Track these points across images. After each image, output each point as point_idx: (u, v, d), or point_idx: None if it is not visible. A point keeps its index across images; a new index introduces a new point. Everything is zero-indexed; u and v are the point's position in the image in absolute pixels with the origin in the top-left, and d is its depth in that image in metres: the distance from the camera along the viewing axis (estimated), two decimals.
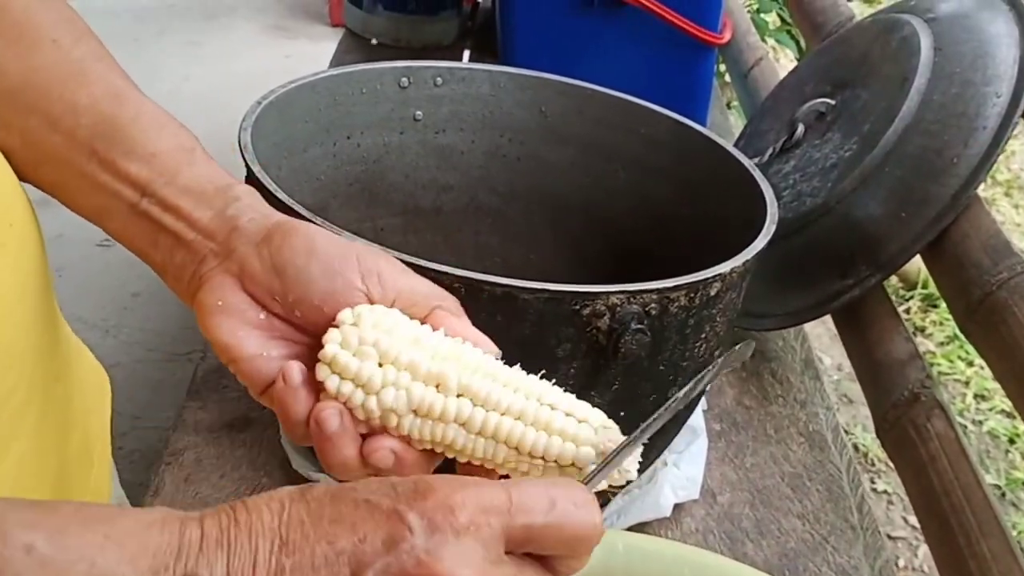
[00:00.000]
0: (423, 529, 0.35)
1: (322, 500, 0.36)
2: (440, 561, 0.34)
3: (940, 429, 0.78)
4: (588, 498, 0.38)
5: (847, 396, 2.21)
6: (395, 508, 0.35)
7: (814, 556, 0.81)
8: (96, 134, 0.51)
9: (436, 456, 0.47)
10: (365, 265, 0.47)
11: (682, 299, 0.67)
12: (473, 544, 0.35)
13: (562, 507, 0.37)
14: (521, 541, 0.37)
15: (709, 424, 0.93)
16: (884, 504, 1.97)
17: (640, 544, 0.64)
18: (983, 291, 0.77)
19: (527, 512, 0.37)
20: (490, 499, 0.36)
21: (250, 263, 0.47)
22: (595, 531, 0.38)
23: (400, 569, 0.34)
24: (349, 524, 0.35)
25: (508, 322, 0.64)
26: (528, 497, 0.37)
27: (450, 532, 0.35)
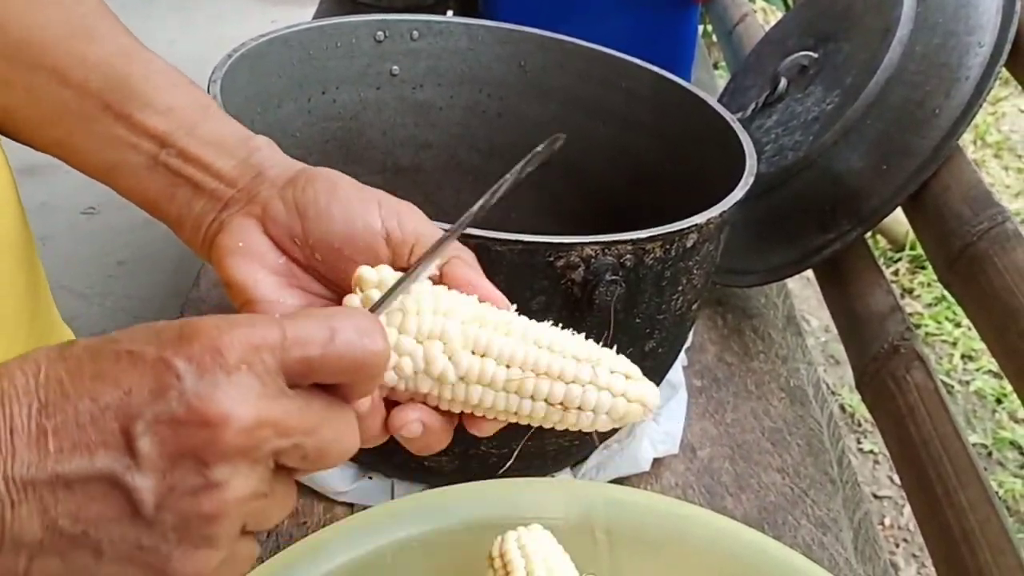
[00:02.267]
0: (191, 373, 0.33)
1: (81, 357, 0.34)
2: (212, 402, 0.33)
3: (919, 380, 0.78)
4: (371, 325, 0.38)
5: (834, 357, 2.22)
6: (160, 356, 0.34)
7: (793, 509, 0.81)
8: (109, 88, 0.50)
9: (456, 416, 0.47)
10: (386, 209, 0.47)
11: (657, 250, 0.66)
12: (247, 381, 0.34)
13: (343, 336, 0.36)
14: (302, 374, 0.36)
15: (690, 380, 0.93)
16: (870, 464, 1.98)
17: (620, 496, 0.64)
18: (964, 242, 0.77)
19: (303, 344, 0.36)
20: (262, 336, 0.35)
21: (273, 205, 0.47)
22: (379, 357, 0.37)
23: (171, 416, 0.33)
24: (112, 378, 0.34)
25: None
26: (304, 329, 0.36)
27: (220, 372, 0.34)
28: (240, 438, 0.34)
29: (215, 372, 0.34)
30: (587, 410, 0.45)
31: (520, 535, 0.55)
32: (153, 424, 0.33)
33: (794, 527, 0.79)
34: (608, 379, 0.45)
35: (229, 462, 0.34)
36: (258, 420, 0.34)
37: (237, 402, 0.34)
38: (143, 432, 0.33)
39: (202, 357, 0.34)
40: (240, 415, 0.34)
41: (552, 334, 0.46)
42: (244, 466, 0.34)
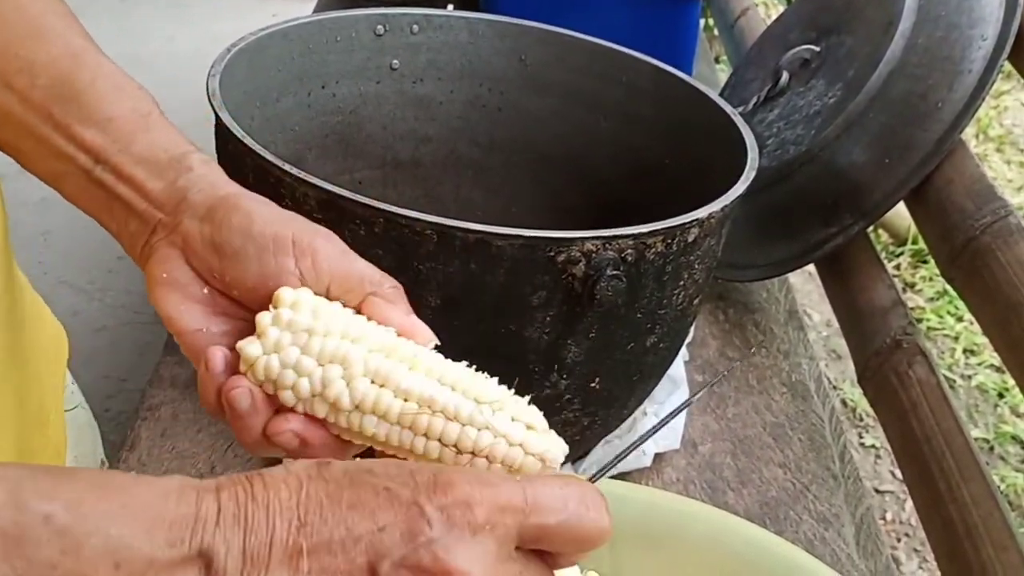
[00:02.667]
0: (442, 524, 0.35)
1: (341, 482, 0.35)
2: (455, 557, 0.34)
3: (922, 375, 0.77)
4: (599, 500, 0.38)
5: (835, 352, 2.21)
6: (415, 500, 0.35)
7: (795, 504, 0.81)
8: (52, 96, 0.50)
9: (352, 445, 0.46)
10: (300, 248, 0.46)
11: (659, 245, 0.65)
12: (488, 542, 0.35)
13: (574, 508, 0.37)
14: (533, 540, 0.37)
15: (691, 375, 0.93)
16: (872, 458, 1.98)
17: (621, 492, 0.64)
18: (966, 236, 0.77)
19: (542, 512, 0.36)
20: (508, 498, 0.36)
21: (192, 238, 0.47)
22: (603, 534, 0.38)
23: (416, 562, 0.34)
24: (369, 511, 0.35)
25: (482, 270, 0.63)
26: (543, 497, 0.37)
27: (468, 529, 0.35)
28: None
29: (463, 528, 0.35)
30: (480, 456, 0.43)
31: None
32: (399, 566, 0.34)
33: (796, 522, 0.79)
34: (507, 427, 0.43)
35: None
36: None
37: (474, 563, 0.35)
38: (388, 572, 0.34)
39: (453, 510, 0.35)
40: (479, 573, 0.35)
41: (460, 373, 0.45)
42: None
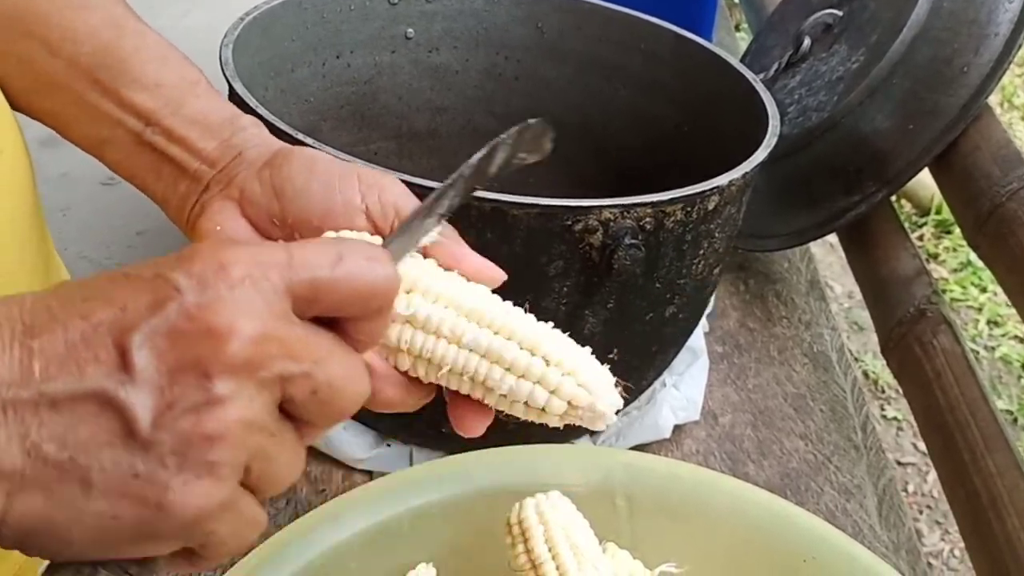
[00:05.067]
0: (192, 287, 0.31)
1: (72, 287, 0.32)
2: (216, 312, 0.31)
3: (946, 345, 0.76)
4: (379, 252, 0.36)
5: (857, 324, 2.19)
6: (158, 273, 0.31)
7: (816, 476, 0.80)
8: (97, 63, 0.50)
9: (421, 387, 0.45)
10: (366, 183, 0.45)
11: (678, 213, 0.65)
12: (252, 295, 0.32)
13: (350, 260, 0.34)
14: (307, 298, 0.33)
15: (711, 346, 0.92)
16: (894, 431, 1.96)
17: (640, 463, 0.63)
18: (992, 202, 0.75)
19: (310, 267, 0.33)
20: (267, 254, 0.33)
21: (250, 186, 0.46)
22: (388, 283, 0.35)
23: (170, 327, 0.30)
24: (106, 297, 0.31)
25: (499, 240, 0.63)
26: (311, 252, 0.34)
27: (223, 286, 0.31)
28: (246, 350, 0.31)
29: (218, 285, 0.31)
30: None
31: (539, 502, 0.54)
32: (151, 336, 0.30)
33: (817, 493, 0.78)
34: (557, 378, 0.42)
35: (234, 376, 0.31)
36: (265, 334, 0.32)
37: (242, 313, 0.31)
38: (139, 345, 0.30)
39: (204, 272, 0.31)
40: (245, 326, 0.31)
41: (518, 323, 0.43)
42: (250, 385, 0.32)
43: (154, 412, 0.30)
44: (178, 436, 0.31)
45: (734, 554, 0.59)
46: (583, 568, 0.51)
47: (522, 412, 0.43)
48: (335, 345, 0.35)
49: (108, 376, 0.30)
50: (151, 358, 0.30)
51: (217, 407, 0.31)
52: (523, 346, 0.43)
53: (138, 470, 0.30)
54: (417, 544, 0.59)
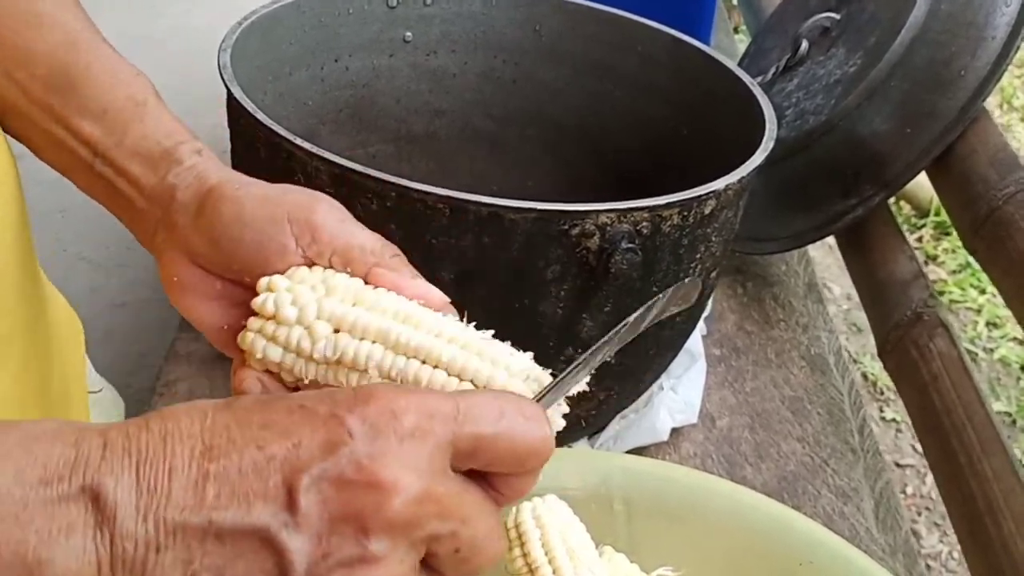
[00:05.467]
0: (364, 434, 0.31)
1: (251, 408, 0.32)
2: (384, 466, 0.31)
3: (943, 348, 0.76)
4: (538, 411, 0.36)
5: (856, 325, 2.20)
6: (333, 412, 0.32)
7: (814, 479, 0.80)
8: (50, 87, 0.50)
9: None
10: (297, 225, 0.45)
11: (675, 217, 0.65)
12: (419, 449, 0.32)
13: (511, 418, 0.34)
14: (468, 452, 0.34)
15: (709, 349, 0.92)
16: (892, 432, 1.97)
17: (638, 466, 0.64)
18: (989, 206, 0.75)
19: (475, 421, 0.33)
20: (436, 405, 0.33)
21: (191, 239, 0.46)
22: (545, 444, 0.35)
23: (339, 474, 0.31)
24: (282, 429, 0.31)
25: (495, 244, 0.63)
26: (477, 406, 0.34)
27: (393, 437, 0.32)
28: (407, 509, 0.31)
29: (388, 436, 0.32)
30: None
31: (535, 506, 0.54)
32: (319, 480, 0.31)
33: (814, 496, 0.78)
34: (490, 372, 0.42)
35: (390, 536, 0.31)
36: (427, 493, 0.32)
37: (408, 470, 0.31)
38: (308, 488, 0.31)
39: (377, 419, 0.32)
40: (410, 484, 0.31)
41: (465, 334, 0.43)
42: (403, 545, 0.32)
43: (309, 560, 0.31)
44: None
45: (731, 558, 0.59)
46: (579, 572, 0.51)
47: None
48: (484, 504, 0.35)
49: (274, 515, 0.31)
50: (316, 503, 0.31)
51: (369, 565, 0.31)
52: (463, 347, 0.42)
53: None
54: None
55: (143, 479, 0.30)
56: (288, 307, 0.43)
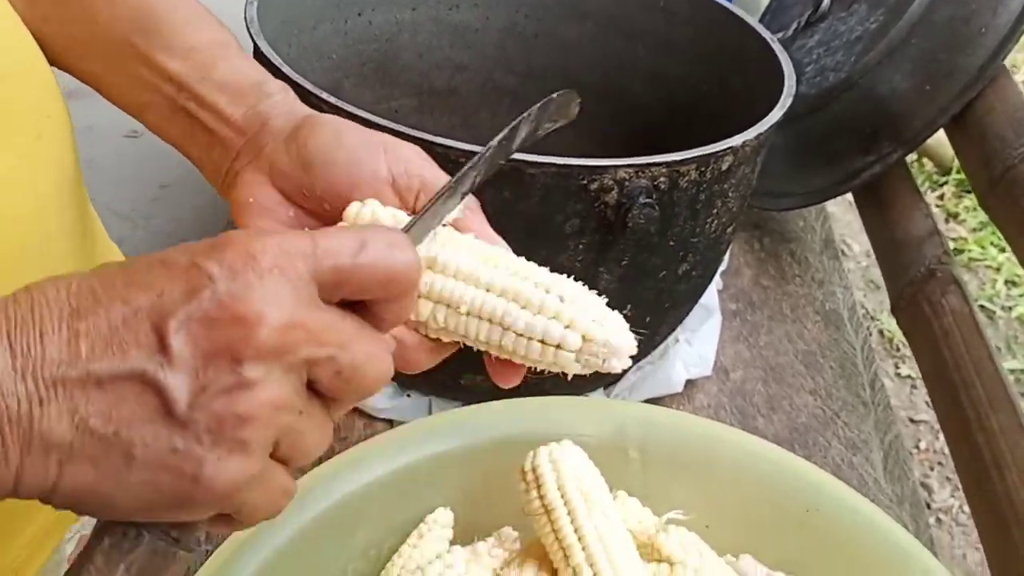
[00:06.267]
0: (224, 276, 0.33)
1: (113, 271, 0.34)
2: (246, 301, 0.33)
3: (955, 305, 0.77)
4: (401, 239, 0.37)
5: (874, 282, 2.20)
6: (192, 261, 0.33)
7: (824, 431, 0.82)
8: (134, 27, 0.51)
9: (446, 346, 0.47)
10: (391, 155, 0.46)
11: (692, 173, 0.66)
12: (280, 284, 0.34)
13: (373, 247, 0.36)
14: (333, 284, 0.35)
15: (725, 304, 0.93)
16: (907, 388, 1.98)
17: (652, 416, 0.65)
18: (1005, 164, 0.76)
19: (334, 254, 0.35)
20: (293, 244, 0.35)
21: (278, 159, 0.47)
22: (409, 268, 0.37)
23: (203, 314, 0.33)
24: (145, 282, 0.33)
25: (515, 198, 0.64)
26: (335, 241, 0.36)
27: (253, 275, 0.33)
28: (273, 337, 0.33)
29: (247, 274, 0.33)
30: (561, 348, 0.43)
31: (552, 450, 0.56)
32: (186, 323, 0.33)
33: (824, 448, 0.80)
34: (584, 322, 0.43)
35: (262, 361, 0.33)
36: (291, 321, 0.34)
37: (270, 302, 0.33)
38: (176, 330, 0.32)
39: (234, 261, 0.33)
40: (273, 314, 0.33)
41: (540, 273, 0.45)
42: (277, 369, 0.34)
43: (190, 393, 0.33)
44: (212, 416, 0.33)
45: (741, 504, 0.61)
46: (593, 514, 0.54)
47: (538, 353, 0.44)
48: (359, 328, 0.37)
49: (148, 359, 0.32)
50: (186, 343, 0.33)
51: (247, 390, 0.33)
52: (538, 285, 0.44)
53: (176, 446, 0.33)
54: (435, 489, 0.61)
55: (16, 344, 0.32)
56: (384, 214, 0.44)
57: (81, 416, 0.32)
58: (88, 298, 0.33)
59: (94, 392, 0.32)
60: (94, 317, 0.33)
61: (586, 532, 0.53)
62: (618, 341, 0.43)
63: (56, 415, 0.32)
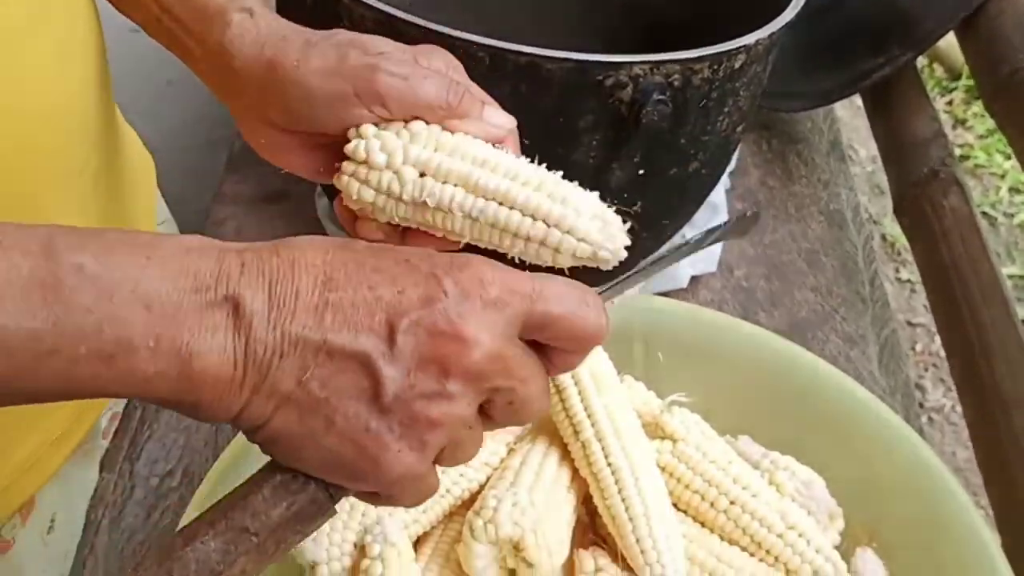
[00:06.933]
0: (456, 295, 0.37)
1: (365, 251, 0.38)
2: (468, 324, 0.37)
3: (955, 204, 0.80)
4: (598, 302, 0.41)
5: (879, 187, 2.21)
6: (433, 271, 0.37)
7: (823, 325, 0.85)
8: None
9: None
10: (366, 98, 0.47)
11: (705, 71, 0.67)
12: (497, 316, 0.38)
13: (576, 304, 0.40)
14: (537, 326, 0.39)
15: (732, 203, 0.96)
16: (907, 292, 2.01)
17: (659, 306, 0.68)
18: (1011, 67, 0.77)
19: (547, 301, 0.39)
20: (517, 282, 0.39)
21: (265, 112, 0.49)
22: (599, 331, 0.41)
23: (431, 324, 0.37)
24: (390, 276, 0.37)
25: (532, 93, 0.66)
26: (550, 288, 0.39)
27: (479, 302, 0.37)
28: (481, 362, 0.37)
29: (475, 300, 0.37)
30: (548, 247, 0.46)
31: None
32: (415, 325, 0.36)
33: (823, 341, 0.84)
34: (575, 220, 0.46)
35: (465, 381, 0.37)
36: (499, 352, 0.38)
37: (487, 331, 0.37)
38: (406, 329, 0.36)
39: (468, 284, 0.37)
40: (487, 342, 0.37)
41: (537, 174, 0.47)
42: (472, 391, 0.38)
43: (399, 387, 0.37)
44: (409, 413, 0.37)
45: (740, 389, 0.65)
46: (602, 393, 0.57)
47: (534, 254, 0.47)
48: (539, 369, 0.41)
49: (376, 346, 0.36)
50: (410, 343, 0.36)
51: (445, 401, 0.37)
52: (536, 188, 0.46)
53: (370, 427, 0.37)
54: None
55: (274, 296, 0.36)
56: (377, 153, 0.47)
57: (306, 377, 0.36)
58: (341, 271, 0.37)
59: (324, 359, 0.36)
60: (342, 292, 0.37)
61: (595, 410, 0.57)
62: (613, 243, 0.46)
63: (288, 369, 0.36)
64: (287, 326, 0.36)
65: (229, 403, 0.36)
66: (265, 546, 0.38)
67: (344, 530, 0.54)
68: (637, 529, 0.54)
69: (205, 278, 0.36)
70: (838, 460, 0.61)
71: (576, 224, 0.46)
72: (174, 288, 0.35)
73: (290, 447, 0.37)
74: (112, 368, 0.34)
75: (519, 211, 0.46)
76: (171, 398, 0.36)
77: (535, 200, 0.46)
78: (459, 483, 0.57)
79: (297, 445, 0.37)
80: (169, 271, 0.35)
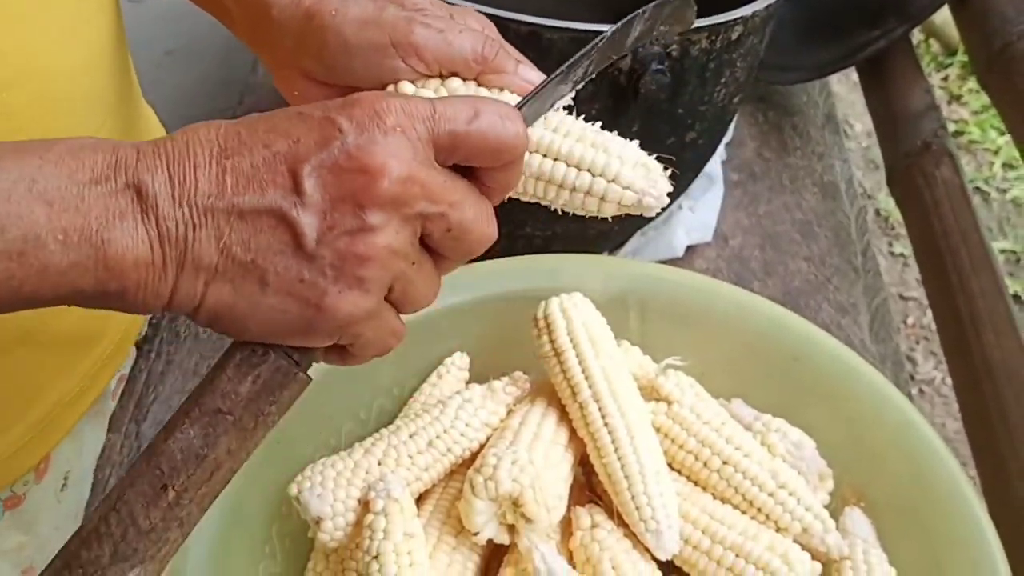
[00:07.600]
0: (352, 129, 0.37)
1: (257, 119, 0.38)
2: (371, 154, 0.37)
3: (947, 176, 0.81)
4: (511, 111, 0.40)
5: (874, 162, 2.22)
6: (326, 115, 0.38)
7: (816, 294, 0.86)
8: None
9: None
10: (402, 49, 0.47)
11: (703, 42, 0.68)
12: (401, 141, 0.38)
13: (486, 117, 0.39)
14: (447, 148, 0.39)
15: (727, 174, 0.97)
16: (899, 266, 2.03)
17: (654, 272, 0.70)
18: (1004, 41, 0.78)
19: (451, 119, 0.39)
20: (415, 107, 0.38)
21: (302, 62, 0.49)
22: (517, 139, 0.40)
23: (333, 162, 0.37)
24: (284, 130, 0.37)
25: (533, 62, 0.66)
26: (452, 107, 0.39)
27: (378, 131, 0.37)
28: (393, 188, 0.37)
29: (373, 130, 0.37)
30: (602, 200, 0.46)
31: (562, 300, 0.61)
32: (317, 168, 0.37)
33: (815, 309, 0.85)
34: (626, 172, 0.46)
35: (383, 209, 0.37)
36: (410, 176, 0.38)
37: (392, 156, 0.37)
38: (308, 175, 0.37)
39: (362, 117, 0.37)
40: (394, 167, 0.37)
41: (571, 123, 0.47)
42: (396, 218, 0.38)
43: (318, 231, 0.37)
44: (336, 253, 0.37)
45: (733, 353, 0.66)
46: (599, 356, 0.59)
47: (580, 204, 0.47)
48: (469, 191, 0.40)
49: (284, 197, 0.37)
50: (318, 187, 0.37)
51: (368, 233, 0.37)
52: (578, 140, 0.47)
53: (303, 276, 0.37)
54: (452, 336, 0.66)
55: (174, 175, 0.37)
56: None
57: (225, 243, 0.37)
58: (234, 139, 0.37)
59: (237, 222, 0.37)
60: (239, 157, 0.37)
61: (593, 372, 0.58)
62: (657, 189, 0.47)
63: (205, 239, 0.37)
64: (192, 199, 0.36)
65: (157, 287, 0.37)
66: (243, 422, 0.39)
67: (348, 486, 0.55)
68: (633, 487, 0.55)
69: (103, 169, 0.36)
70: (829, 422, 0.62)
71: (620, 172, 0.46)
72: (72, 182, 0.36)
73: (233, 319, 0.38)
74: (25, 266, 0.35)
75: (563, 162, 0.46)
76: (94, 290, 0.36)
77: (579, 151, 0.46)
78: (460, 442, 0.59)
79: (240, 315, 0.38)
80: (65, 168, 0.36)
